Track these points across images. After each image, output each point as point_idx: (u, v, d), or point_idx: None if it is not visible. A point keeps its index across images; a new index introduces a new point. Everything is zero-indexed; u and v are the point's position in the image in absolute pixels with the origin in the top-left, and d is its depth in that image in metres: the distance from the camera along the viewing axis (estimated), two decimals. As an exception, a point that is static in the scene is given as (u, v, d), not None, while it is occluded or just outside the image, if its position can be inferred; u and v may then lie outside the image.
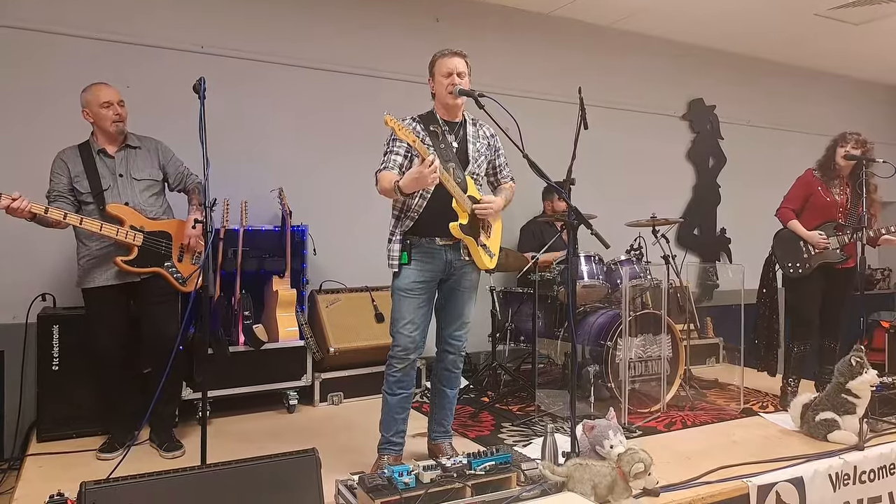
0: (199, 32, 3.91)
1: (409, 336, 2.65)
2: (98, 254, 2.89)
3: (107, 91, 2.93)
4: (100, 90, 2.92)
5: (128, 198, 2.93)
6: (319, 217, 4.08)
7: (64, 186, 2.88)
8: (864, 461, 2.87)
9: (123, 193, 2.93)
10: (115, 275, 2.89)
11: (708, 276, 5.76)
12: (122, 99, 2.96)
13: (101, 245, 2.89)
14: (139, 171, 3.00)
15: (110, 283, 2.89)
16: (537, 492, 2.31)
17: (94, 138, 2.98)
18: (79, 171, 2.89)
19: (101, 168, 2.93)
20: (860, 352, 3.09)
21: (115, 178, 2.94)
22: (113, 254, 2.87)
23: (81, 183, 2.89)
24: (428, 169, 2.37)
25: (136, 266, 2.89)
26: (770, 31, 5.50)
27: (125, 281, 2.92)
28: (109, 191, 2.90)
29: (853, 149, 3.58)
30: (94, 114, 2.92)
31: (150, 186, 3.02)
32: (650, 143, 5.59)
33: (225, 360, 3.39)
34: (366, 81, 4.39)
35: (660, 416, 3.52)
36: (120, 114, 2.94)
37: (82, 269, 2.92)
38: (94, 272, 2.89)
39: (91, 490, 1.73)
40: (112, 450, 2.91)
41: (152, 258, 2.93)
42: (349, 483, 2.32)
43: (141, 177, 3.00)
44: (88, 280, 2.90)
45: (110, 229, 2.82)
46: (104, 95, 2.91)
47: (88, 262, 2.90)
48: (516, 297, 4.21)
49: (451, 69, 2.64)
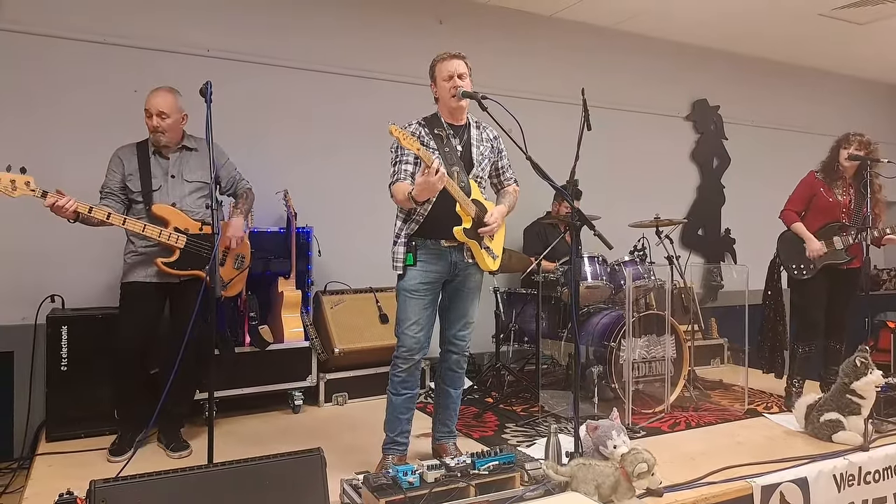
0: (205, 36, 3.94)
1: (414, 337, 2.67)
2: (143, 251, 2.92)
3: (153, 99, 2.90)
4: (148, 98, 2.91)
5: (175, 198, 2.94)
6: (324, 219, 4.11)
7: (116, 184, 2.91)
8: (868, 462, 2.87)
9: (172, 194, 2.94)
10: (156, 274, 2.91)
11: (712, 277, 5.76)
12: (163, 110, 2.88)
13: (146, 244, 2.91)
14: (191, 173, 3.00)
15: (150, 281, 2.91)
16: (541, 492, 2.32)
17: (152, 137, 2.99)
18: (133, 170, 2.91)
19: (155, 168, 2.94)
20: (865, 352, 3.09)
21: (166, 178, 2.95)
22: (155, 254, 2.89)
23: (133, 182, 2.91)
24: (434, 177, 2.40)
25: (176, 268, 2.90)
26: (774, 32, 5.50)
27: (165, 281, 2.93)
28: (159, 191, 2.92)
29: (857, 150, 3.57)
30: (145, 119, 2.93)
31: (200, 189, 3.01)
32: (654, 144, 5.59)
33: (231, 361, 3.41)
34: (370, 83, 4.41)
35: (663, 417, 3.52)
36: (157, 126, 2.89)
37: (126, 265, 2.95)
38: (136, 268, 2.92)
39: (101, 488, 1.75)
40: (122, 451, 2.90)
41: (193, 261, 2.92)
42: (354, 482, 2.33)
43: (192, 178, 3.00)
44: (129, 274, 2.92)
45: (153, 230, 2.83)
46: (147, 103, 2.90)
47: (133, 257, 2.93)
48: (520, 298, 4.22)
49: (451, 72, 2.65)
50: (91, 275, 3.58)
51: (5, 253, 3.44)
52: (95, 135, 3.51)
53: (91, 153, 3.35)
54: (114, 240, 3.16)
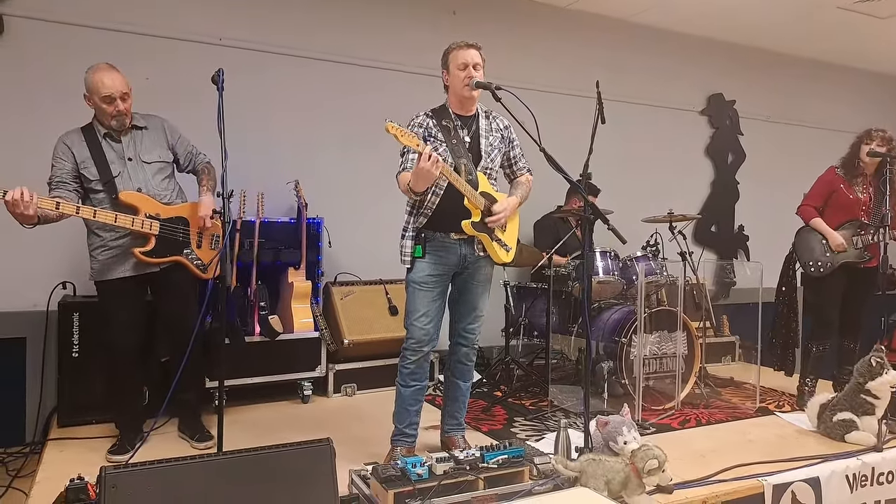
0: (218, 24, 3.93)
1: (423, 328, 2.66)
2: (114, 244, 2.75)
3: (109, 82, 2.68)
4: (101, 80, 2.68)
5: (139, 183, 2.77)
6: (335, 209, 4.10)
7: (67, 174, 2.70)
8: (882, 462, 2.84)
9: (135, 179, 2.76)
10: (133, 266, 2.76)
11: (725, 274, 5.70)
12: (126, 91, 2.73)
13: (116, 235, 2.74)
14: (148, 154, 2.82)
15: (128, 275, 2.77)
16: (550, 486, 2.31)
17: (97, 121, 2.80)
18: (85, 157, 2.71)
19: (109, 153, 2.75)
20: (881, 352, 3.05)
21: (124, 162, 2.76)
22: (129, 244, 2.74)
23: (89, 170, 2.71)
24: (427, 163, 2.36)
25: (155, 256, 2.76)
26: (792, 26, 5.41)
27: (144, 272, 2.80)
28: (120, 177, 2.73)
29: (878, 146, 3.52)
30: (95, 105, 2.74)
31: (162, 169, 2.85)
32: (668, 139, 5.53)
33: (241, 351, 3.42)
34: (383, 74, 4.39)
35: (674, 414, 3.50)
36: (121, 110, 2.72)
37: (98, 262, 2.77)
38: (110, 264, 2.76)
39: (111, 474, 1.75)
40: (123, 451, 2.81)
41: (171, 246, 2.80)
42: (363, 473, 2.33)
43: (151, 159, 2.82)
44: (105, 273, 2.76)
45: (125, 220, 2.67)
46: (105, 88, 2.68)
47: (104, 253, 2.76)
48: (530, 293, 4.20)
49: (467, 61, 2.62)
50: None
51: (18, 239, 3.42)
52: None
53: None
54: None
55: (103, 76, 2.70)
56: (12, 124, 3.45)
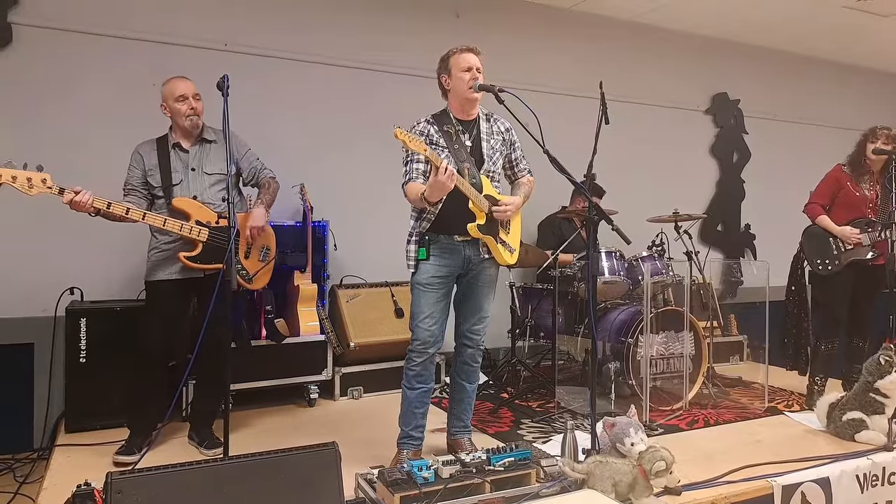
0: (223, 30, 3.95)
1: (428, 330, 2.66)
2: (166, 248, 2.88)
3: (182, 84, 2.90)
4: (175, 84, 2.90)
5: (196, 191, 2.90)
6: (340, 212, 4.11)
7: (137, 180, 2.89)
8: (893, 462, 2.81)
9: (193, 187, 2.90)
10: (181, 270, 2.86)
11: (731, 273, 5.67)
12: (197, 92, 2.92)
13: (169, 239, 2.86)
14: (211, 166, 2.96)
15: (174, 278, 2.87)
16: (557, 489, 2.30)
17: (171, 132, 2.97)
18: (153, 165, 2.89)
19: (175, 162, 2.91)
20: (889, 350, 3.03)
21: (187, 172, 2.91)
22: (179, 249, 2.85)
23: (154, 177, 2.88)
24: (444, 176, 2.38)
25: (199, 262, 2.84)
26: (796, 24, 5.39)
27: (189, 276, 2.88)
28: (180, 185, 2.89)
29: (883, 144, 3.50)
30: (170, 108, 2.90)
31: (221, 181, 2.94)
32: (673, 138, 5.52)
33: (247, 354, 3.42)
34: (387, 77, 4.39)
35: (682, 414, 3.48)
36: (195, 108, 2.89)
37: (150, 263, 2.92)
38: (159, 266, 2.88)
39: (117, 480, 1.76)
40: (130, 453, 2.83)
41: (217, 255, 2.83)
42: (369, 477, 2.33)
43: (212, 171, 2.95)
44: (153, 273, 2.89)
45: (174, 224, 2.79)
46: (179, 89, 2.88)
47: (155, 255, 2.89)
48: (536, 293, 4.19)
49: (470, 64, 2.63)
50: (110, 268, 3.61)
51: (26, 245, 3.48)
52: (114, 130, 3.54)
53: (110, 148, 3.39)
54: (134, 233, 3.16)
55: (176, 81, 2.93)
56: (22, 132, 3.46)
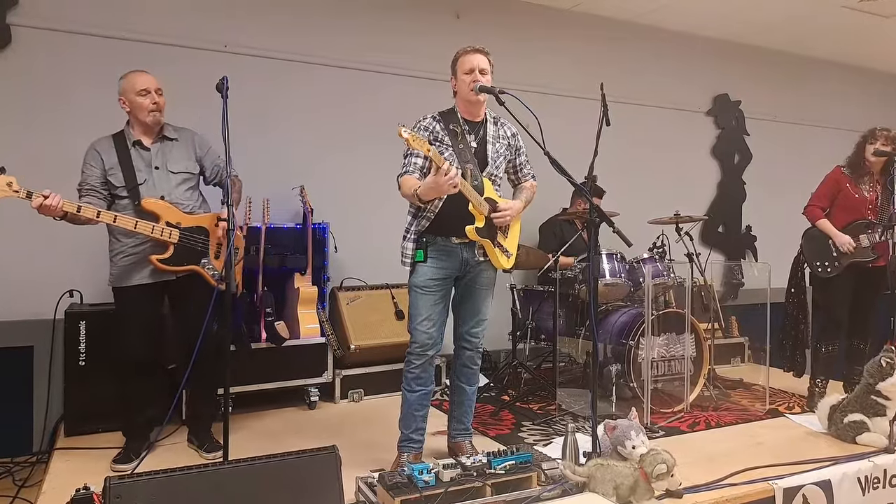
0: (222, 31, 3.94)
1: (427, 332, 2.66)
2: (133, 251, 2.77)
3: (144, 78, 2.80)
4: (136, 77, 2.80)
5: (164, 191, 2.80)
6: (340, 215, 4.10)
7: (96, 179, 2.76)
8: (894, 464, 2.80)
9: (159, 187, 2.80)
10: (151, 273, 2.78)
11: (733, 275, 5.67)
12: (160, 87, 2.83)
13: (136, 242, 2.76)
14: (176, 164, 2.87)
15: (145, 282, 2.78)
16: (558, 492, 2.30)
17: (129, 129, 2.85)
18: (113, 164, 2.76)
19: (137, 160, 2.80)
20: (890, 352, 3.02)
21: (150, 170, 2.81)
22: (148, 251, 2.76)
23: (116, 176, 2.76)
24: (444, 178, 2.36)
25: (172, 264, 2.77)
26: (797, 25, 5.38)
27: (160, 280, 2.81)
28: (145, 185, 2.77)
29: (883, 145, 3.49)
30: (130, 102, 2.80)
31: (187, 180, 2.89)
32: (674, 140, 5.51)
33: (247, 357, 3.42)
34: (387, 79, 4.39)
35: (683, 417, 3.47)
36: (157, 102, 2.80)
37: (117, 268, 2.80)
38: (128, 271, 2.77)
39: (115, 484, 1.75)
40: (128, 460, 2.80)
41: (189, 255, 2.81)
42: (369, 480, 2.32)
43: (177, 169, 2.86)
44: (123, 279, 2.78)
45: (145, 226, 2.70)
46: (141, 82, 2.78)
47: (123, 259, 2.78)
48: (537, 296, 4.18)
49: (473, 66, 2.63)
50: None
51: (25, 247, 3.47)
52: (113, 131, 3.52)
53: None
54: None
55: (137, 74, 2.84)
56: (20, 134, 3.46)
